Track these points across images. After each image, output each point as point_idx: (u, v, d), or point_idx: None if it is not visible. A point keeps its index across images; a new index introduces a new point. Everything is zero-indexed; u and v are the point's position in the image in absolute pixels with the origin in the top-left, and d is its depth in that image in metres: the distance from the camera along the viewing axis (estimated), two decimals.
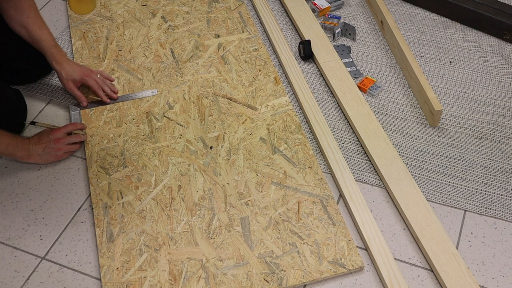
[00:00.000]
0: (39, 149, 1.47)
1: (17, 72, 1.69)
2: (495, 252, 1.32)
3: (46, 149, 1.48)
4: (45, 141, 1.48)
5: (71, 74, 1.59)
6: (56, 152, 1.50)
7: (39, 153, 1.47)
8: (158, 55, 1.81)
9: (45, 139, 1.48)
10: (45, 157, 1.49)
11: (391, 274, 1.25)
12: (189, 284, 1.26)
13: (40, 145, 1.47)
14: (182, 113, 1.63)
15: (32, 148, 1.46)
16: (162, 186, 1.45)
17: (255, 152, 1.52)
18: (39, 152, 1.47)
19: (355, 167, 1.50)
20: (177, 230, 1.36)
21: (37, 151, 1.47)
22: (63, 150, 1.51)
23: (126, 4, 2.00)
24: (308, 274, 1.27)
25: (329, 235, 1.33)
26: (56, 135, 1.49)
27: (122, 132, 1.58)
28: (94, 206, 1.41)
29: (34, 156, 1.47)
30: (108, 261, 1.31)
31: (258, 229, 1.35)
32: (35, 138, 1.49)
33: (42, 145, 1.48)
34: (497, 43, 1.82)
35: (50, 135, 1.49)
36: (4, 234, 1.40)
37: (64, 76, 1.58)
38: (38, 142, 1.48)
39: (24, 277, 1.32)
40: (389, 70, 1.76)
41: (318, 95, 1.69)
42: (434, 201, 1.42)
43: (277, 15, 1.98)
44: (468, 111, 1.62)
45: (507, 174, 1.47)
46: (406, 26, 1.90)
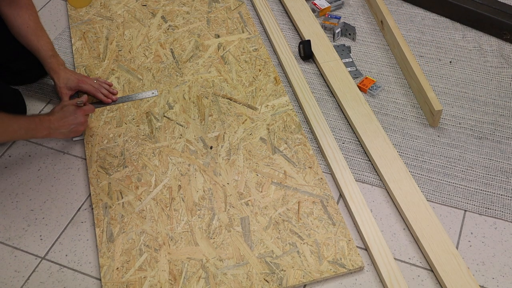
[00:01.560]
0: (64, 128, 1.47)
1: (17, 72, 1.70)
2: (495, 252, 1.32)
3: (72, 128, 1.49)
4: (72, 122, 1.48)
5: (66, 82, 1.58)
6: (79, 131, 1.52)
7: (63, 132, 1.48)
8: (158, 55, 1.81)
9: (73, 120, 1.48)
10: (67, 134, 1.50)
11: (391, 274, 1.25)
12: (189, 284, 1.26)
13: (66, 125, 1.47)
14: (182, 113, 1.63)
15: (54, 127, 1.45)
16: (162, 186, 1.45)
17: (255, 152, 1.52)
18: (63, 130, 1.47)
19: (355, 167, 1.50)
20: (177, 230, 1.36)
21: (60, 130, 1.47)
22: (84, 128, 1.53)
23: (126, 4, 2.00)
24: (308, 274, 1.27)
25: (329, 235, 1.33)
26: (82, 118, 1.50)
27: (122, 132, 1.58)
28: (94, 206, 1.41)
29: (56, 133, 1.47)
30: (108, 261, 1.31)
31: (258, 229, 1.35)
32: (57, 116, 1.47)
33: (68, 125, 1.47)
34: (497, 43, 1.82)
35: (77, 115, 1.49)
36: (4, 234, 1.40)
37: (59, 84, 1.58)
38: (64, 122, 1.47)
39: (24, 277, 1.32)
40: (389, 70, 1.76)
41: (318, 95, 1.69)
42: (434, 201, 1.42)
43: (277, 15, 1.98)
44: (468, 111, 1.62)
45: (507, 174, 1.47)
46: (406, 26, 1.90)
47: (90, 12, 1.98)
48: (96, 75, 1.75)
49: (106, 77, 1.74)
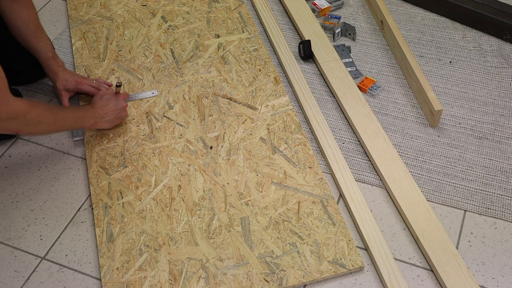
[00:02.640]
0: (109, 115, 1.52)
1: (17, 73, 1.70)
2: (495, 252, 1.32)
3: (117, 115, 1.53)
4: (115, 107, 1.53)
5: (64, 84, 1.58)
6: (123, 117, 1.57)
7: (108, 119, 1.52)
8: (158, 55, 1.81)
9: (115, 106, 1.53)
10: (113, 122, 1.55)
11: (391, 274, 1.25)
12: (189, 284, 1.26)
13: (111, 111, 1.52)
14: (182, 113, 1.63)
15: (99, 116, 1.50)
16: (162, 186, 1.45)
17: (255, 152, 1.52)
18: (108, 118, 1.52)
19: (355, 167, 1.50)
20: (177, 230, 1.36)
21: (105, 117, 1.51)
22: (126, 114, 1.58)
23: (126, 4, 2.00)
24: (308, 274, 1.27)
25: (329, 235, 1.33)
26: (124, 103, 1.56)
27: (122, 132, 1.58)
28: (94, 206, 1.41)
29: (102, 122, 1.51)
30: (108, 261, 1.31)
31: (258, 229, 1.35)
32: (99, 105, 1.51)
33: (112, 111, 1.52)
34: (497, 43, 1.82)
35: (119, 100, 1.54)
36: (4, 234, 1.40)
37: (58, 86, 1.58)
38: (107, 109, 1.51)
39: (24, 277, 1.32)
40: (389, 70, 1.76)
41: (318, 95, 1.69)
42: (434, 201, 1.42)
43: (277, 15, 1.98)
44: (468, 111, 1.62)
45: (507, 174, 1.47)
46: (406, 26, 1.90)
47: (90, 12, 1.98)
48: (96, 75, 1.75)
49: (106, 77, 1.74)
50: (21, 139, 1.61)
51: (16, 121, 1.26)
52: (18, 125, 1.28)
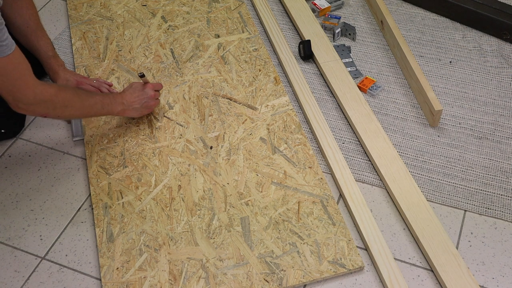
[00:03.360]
0: (136, 104, 1.52)
1: None
2: (495, 252, 1.32)
3: (144, 104, 1.53)
4: (142, 96, 1.53)
5: (65, 83, 1.58)
6: (150, 105, 1.56)
7: (136, 107, 1.52)
8: (158, 55, 1.81)
9: (143, 95, 1.53)
10: (141, 111, 1.55)
11: (391, 274, 1.25)
12: (189, 284, 1.26)
13: (138, 100, 1.52)
14: (182, 113, 1.63)
15: (127, 103, 1.50)
16: (162, 186, 1.45)
17: (255, 152, 1.52)
18: (136, 106, 1.52)
19: (355, 167, 1.50)
20: (177, 230, 1.36)
21: (133, 105, 1.52)
22: (155, 104, 1.58)
23: (126, 4, 2.00)
24: (308, 274, 1.27)
25: (329, 235, 1.33)
26: (152, 92, 1.55)
27: (122, 132, 1.58)
28: (94, 206, 1.41)
29: (130, 110, 1.52)
30: (108, 261, 1.31)
31: (258, 229, 1.35)
32: (128, 93, 1.52)
33: (139, 100, 1.52)
34: (497, 43, 1.82)
35: (146, 89, 1.54)
36: (4, 234, 1.40)
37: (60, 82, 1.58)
38: (135, 98, 1.52)
39: (24, 277, 1.32)
40: (389, 70, 1.76)
41: (318, 95, 1.69)
42: (434, 201, 1.42)
43: (277, 15, 1.98)
44: (468, 111, 1.62)
45: (507, 174, 1.47)
46: (406, 26, 1.90)
47: (90, 12, 1.98)
48: (96, 75, 1.75)
49: (106, 77, 1.74)
50: (21, 139, 1.62)
51: (44, 104, 1.30)
52: (46, 109, 1.32)
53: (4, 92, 1.26)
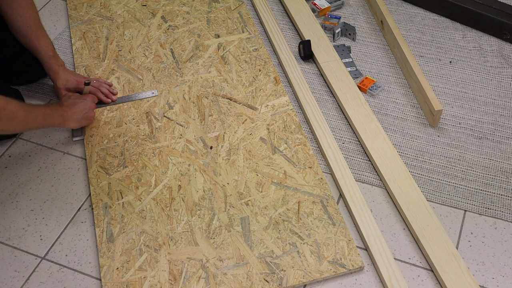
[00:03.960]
0: (76, 115, 1.52)
1: (17, 72, 1.70)
2: (495, 252, 1.32)
3: (84, 115, 1.54)
4: (83, 108, 1.53)
5: (65, 83, 1.59)
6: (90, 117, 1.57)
7: (76, 118, 1.52)
8: (158, 55, 1.81)
9: (83, 106, 1.53)
10: (80, 122, 1.54)
11: (391, 274, 1.25)
12: (189, 284, 1.26)
13: (79, 112, 1.52)
14: (182, 113, 1.63)
15: (68, 115, 1.50)
16: (162, 186, 1.45)
17: (255, 152, 1.52)
18: (76, 117, 1.52)
19: (355, 167, 1.50)
20: (177, 230, 1.36)
21: (73, 116, 1.51)
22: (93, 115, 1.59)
23: (126, 4, 2.00)
24: (308, 274, 1.27)
25: (329, 235, 1.33)
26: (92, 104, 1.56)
27: (122, 132, 1.58)
28: (94, 206, 1.41)
29: (70, 121, 1.51)
30: (108, 261, 1.31)
31: (258, 229, 1.35)
32: (69, 104, 1.52)
33: (79, 111, 1.52)
34: (497, 43, 1.82)
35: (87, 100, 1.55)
36: (4, 234, 1.40)
37: (58, 85, 1.58)
38: (75, 109, 1.52)
39: (24, 277, 1.32)
40: (389, 70, 1.76)
41: (318, 95, 1.69)
42: (434, 201, 1.42)
43: (277, 15, 1.98)
44: (468, 111, 1.62)
45: (507, 174, 1.47)
46: (406, 26, 1.90)
47: (90, 12, 1.98)
48: (96, 75, 1.75)
49: (106, 77, 1.74)
50: (21, 139, 1.62)
51: None
52: None
53: None
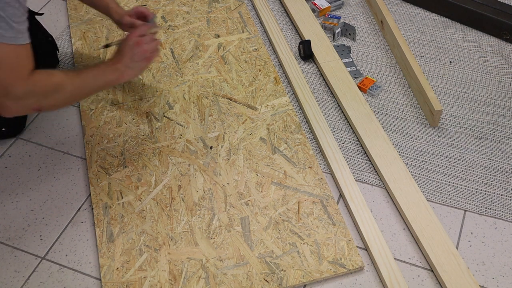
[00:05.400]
0: (127, 61, 1.35)
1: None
2: (495, 252, 1.32)
3: (133, 57, 1.36)
4: (126, 50, 1.36)
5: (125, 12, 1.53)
6: (144, 55, 1.38)
7: (129, 66, 1.35)
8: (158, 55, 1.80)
9: (126, 49, 1.36)
10: (136, 66, 1.37)
11: (391, 274, 1.25)
12: (189, 284, 1.26)
13: (125, 57, 1.36)
14: (182, 113, 1.63)
15: (119, 66, 1.35)
16: (162, 186, 1.45)
17: (255, 152, 1.52)
18: (128, 64, 1.35)
19: (355, 167, 1.50)
20: (177, 230, 1.36)
21: (125, 65, 1.35)
22: (150, 50, 1.40)
23: (126, 4, 2.00)
24: (308, 274, 1.27)
25: (329, 235, 1.33)
26: (133, 39, 1.38)
27: (122, 132, 1.58)
28: (94, 206, 1.41)
29: (126, 71, 1.35)
30: (108, 261, 1.31)
31: (258, 229, 1.35)
32: (116, 55, 1.37)
33: (127, 56, 1.36)
34: (497, 43, 1.82)
35: (128, 42, 1.37)
36: (4, 234, 1.40)
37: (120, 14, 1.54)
38: (121, 56, 1.36)
39: (24, 277, 1.32)
40: (389, 70, 1.76)
41: (318, 95, 1.69)
42: (434, 201, 1.42)
43: (277, 15, 1.98)
44: (468, 111, 1.62)
45: (507, 174, 1.47)
46: (406, 26, 1.90)
47: (90, 12, 1.98)
48: None
49: None
50: (21, 139, 1.62)
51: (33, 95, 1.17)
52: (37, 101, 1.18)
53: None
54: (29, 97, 1.17)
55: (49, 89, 1.20)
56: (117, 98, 1.68)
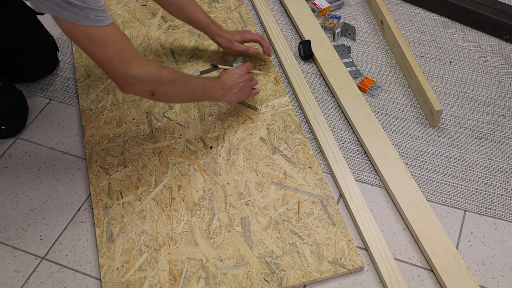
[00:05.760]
0: (232, 87, 1.49)
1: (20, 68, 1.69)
2: (495, 252, 1.32)
3: (242, 87, 1.51)
4: (235, 78, 1.50)
5: (232, 37, 1.66)
6: (247, 89, 1.54)
7: (232, 91, 1.49)
8: (158, 55, 1.81)
9: (239, 78, 1.51)
10: (239, 95, 1.52)
11: (391, 274, 1.25)
12: (189, 284, 1.26)
13: (235, 84, 1.49)
14: (182, 113, 1.63)
15: (226, 87, 1.48)
16: (162, 186, 1.45)
17: (255, 152, 1.52)
18: (232, 89, 1.49)
19: (355, 167, 1.50)
20: (177, 230, 1.36)
21: (229, 89, 1.48)
22: (252, 86, 1.56)
23: (126, 4, 2.00)
24: (308, 274, 1.27)
25: (329, 235, 1.33)
26: (244, 71, 1.54)
27: (122, 132, 1.58)
28: (94, 206, 1.41)
29: (228, 95, 1.48)
30: (108, 261, 1.31)
31: (258, 229, 1.35)
32: (225, 78, 1.49)
33: (237, 84, 1.50)
34: (497, 43, 1.82)
35: (241, 72, 1.52)
36: (4, 234, 1.40)
37: (228, 42, 1.66)
38: (232, 81, 1.49)
39: (24, 277, 1.32)
40: (389, 70, 1.76)
41: (318, 95, 1.69)
42: (434, 201, 1.42)
43: (277, 15, 1.98)
44: (468, 111, 1.62)
45: (507, 174, 1.47)
46: (406, 26, 1.90)
47: None
48: (96, 75, 1.75)
49: (106, 77, 1.74)
50: (21, 139, 1.62)
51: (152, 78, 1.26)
52: (154, 84, 1.27)
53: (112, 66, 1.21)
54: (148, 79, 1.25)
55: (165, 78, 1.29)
56: (117, 98, 1.68)
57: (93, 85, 1.72)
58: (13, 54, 1.66)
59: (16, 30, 1.62)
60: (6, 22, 1.61)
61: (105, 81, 1.73)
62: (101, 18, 1.16)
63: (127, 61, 1.21)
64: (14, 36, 1.62)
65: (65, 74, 1.79)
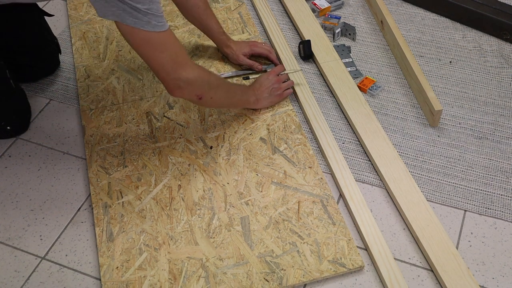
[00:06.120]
0: (265, 93, 1.57)
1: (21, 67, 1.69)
2: (495, 252, 1.32)
3: (272, 91, 1.59)
4: (267, 84, 1.58)
5: (240, 50, 1.71)
6: (278, 92, 1.60)
7: (264, 96, 1.58)
8: None
9: (267, 83, 1.58)
10: (271, 99, 1.60)
11: (391, 274, 1.25)
12: (189, 283, 1.26)
13: (265, 89, 1.58)
14: (182, 113, 1.63)
15: (258, 93, 1.56)
16: (162, 185, 1.45)
17: (255, 152, 1.52)
18: (264, 94, 1.57)
19: (355, 167, 1.50)
20: (177, 229, 1.36)
21: (262, 94, 1.57)
22: (283, 89, 1.62)
23: None
24: (308, 274, 1.27)
25: (329, 235, 1.33)
26: (275, 77, 1.61)
27: (122, 132, 1.58)
28: (94, 205, 1.41)
29: (261, 100, 1.57)
30: (108, 260, 1.31)
31: (258, 229, 1.35)
32: (256, 84, 1.58)
33: (267, 89, 1.58)
34: (497, 43, 1.82)
35: (269, 77, 1.59)
36: (4, 234, 1.40)
37: (235, 53, 1.70)
38: (261, 87, 1.57)
39: (24, 277, 1.32)
40: (389, 70, 1.76)
41: (318, 95, 1.69)
42: (434, 201, 1.42)
43: (277, 15, 1.98)
44: (468, 111, 1.62)
45: (507, 174, 1.47)
46: (406, 26, 1.90)
47: (90, 12, 1.98)
48: (96, 75, 1.75)
49: (106, 77, 1.74)
50: (21, 139, 1.62)
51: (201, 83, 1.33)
52: (202, 88, 1.34)
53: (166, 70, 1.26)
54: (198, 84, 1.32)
55: (212, 83, 1.37)
56: (117, 98, 1.68)
57: (93, 85, 1.72)
58: (16, 54, 1.66)
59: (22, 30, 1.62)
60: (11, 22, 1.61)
61: (105, 81, 1.73)
62: (161, 23, 1.20)
63: (182, 65, 1.27)
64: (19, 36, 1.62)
65: (65, 74, 1.79)
